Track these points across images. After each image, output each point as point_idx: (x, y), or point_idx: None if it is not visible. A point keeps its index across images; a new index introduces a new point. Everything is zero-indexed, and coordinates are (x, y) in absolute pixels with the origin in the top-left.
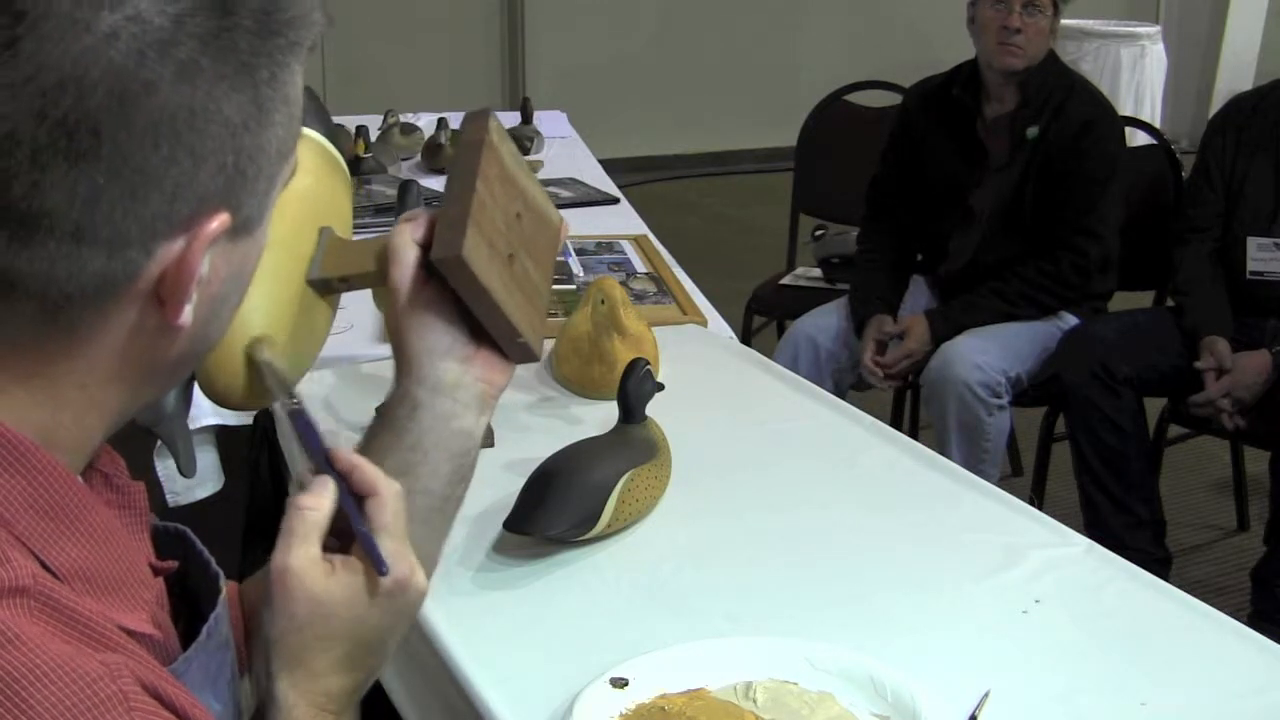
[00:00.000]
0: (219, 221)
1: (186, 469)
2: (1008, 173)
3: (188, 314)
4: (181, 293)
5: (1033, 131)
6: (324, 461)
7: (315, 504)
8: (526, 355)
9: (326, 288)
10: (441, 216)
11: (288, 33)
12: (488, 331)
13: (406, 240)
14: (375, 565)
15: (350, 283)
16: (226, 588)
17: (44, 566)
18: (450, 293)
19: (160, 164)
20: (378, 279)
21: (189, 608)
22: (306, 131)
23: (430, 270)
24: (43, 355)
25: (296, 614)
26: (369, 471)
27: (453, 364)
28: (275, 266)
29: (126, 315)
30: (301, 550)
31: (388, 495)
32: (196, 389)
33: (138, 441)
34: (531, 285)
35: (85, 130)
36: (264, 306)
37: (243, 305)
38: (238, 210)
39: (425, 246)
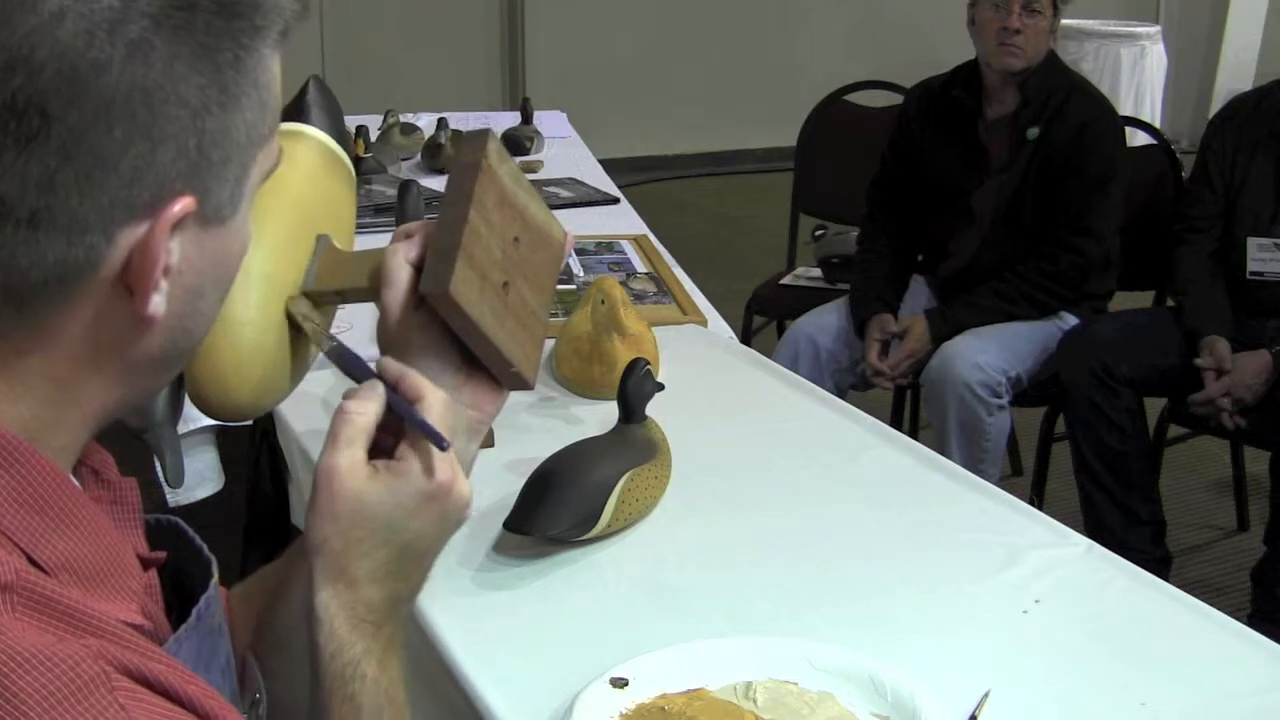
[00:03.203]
0: (182, 205)
1: (173, 479)
2: (1008, 173)
3: (158, 304)
4: (147, 280)
5: (1033, 132)
6: (369, 376)
7: (361, 409)
8: (520, 384)
9: (320, 300)
10: (432, 246)
11: (252, 16)
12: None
13: (400, 261)
14: (434, 441)
15: (344, 297)
16: (218, 574)
17: (31, 561)
18: (442, 320)
19: (115, 146)
20: (371, 295)
21: (182, 602)
22: (307, 129)
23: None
24: (12, 346)
25: (339, 514)
26: (416, 379)
27: (442, 390)
28: (268, 275)
29: (94, 304)
30: (346, 452)
31: (434, 400)
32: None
33: (136, 442)
34: (528, 311)
35: (34, 112)
36: (255, 317)
37: (235, 313)
38: (205, 196)
39: (419, 268)
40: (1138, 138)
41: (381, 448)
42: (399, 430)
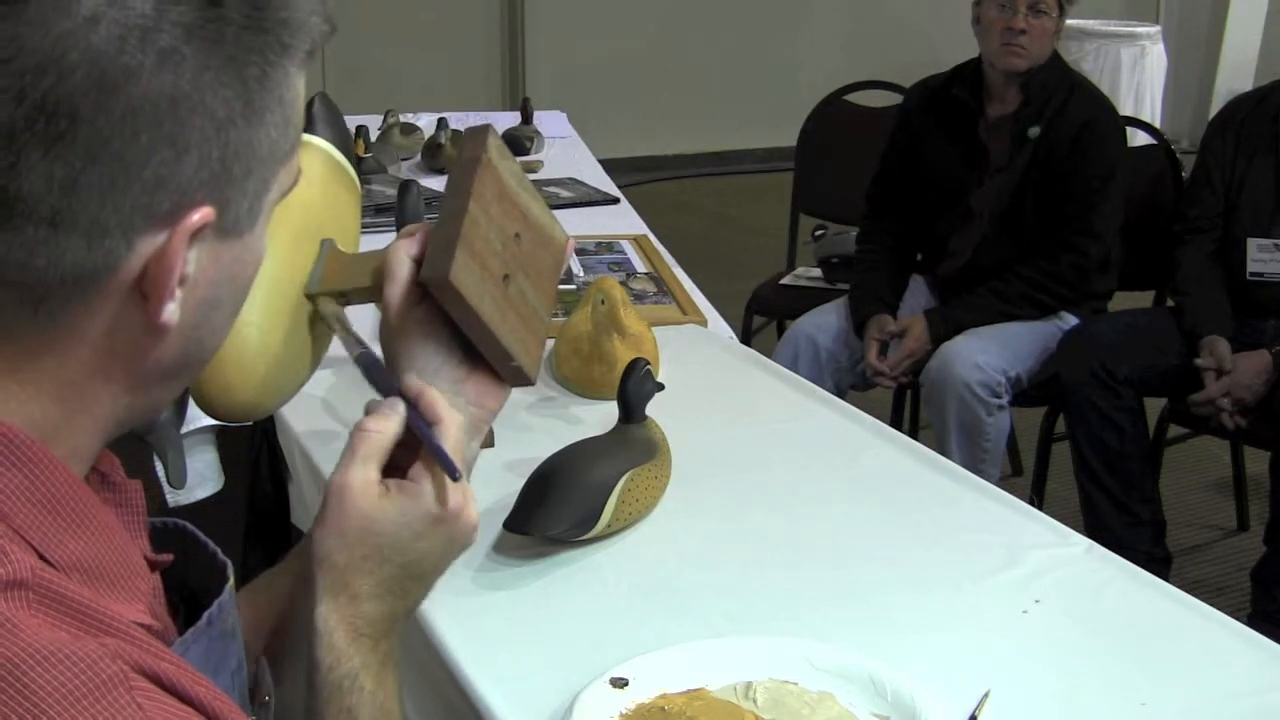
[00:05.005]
0: (202, 215)
1: (175, 480)
2: (1008, 173)
3: (172, 312)
4: (163, 288)
5: (1034, 131)
6: (393, 390)
7: (379, 427)
8: (520, 379)
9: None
10: (433, 237)
11: (280, 33)
12: (481, 354)
13: (401, 256)
14: (447, 470)
15: (349, 298)
16: (234, 577)
17: (42, 559)
18: (444, 313)
19: (140, 153)
20: (375, 295)
21: (189, 606)
22: (313, 139)
23: (425, 289)
24: (27, 348)
25: (346, 530)
26: (434, 399)
27: (443, 386)
28: (272, 277)
29: (109, 310)
30: (360, 469)
31: (450, 424)
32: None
33: (137, 442)
34: (528, 307)
35: (63, 114)
36: (259, 319)
37: (239, 315)
38: (224, 208)
39: (420, 262)
40: (1138, 138)
41: (398, 463)
42: (417, 446)
